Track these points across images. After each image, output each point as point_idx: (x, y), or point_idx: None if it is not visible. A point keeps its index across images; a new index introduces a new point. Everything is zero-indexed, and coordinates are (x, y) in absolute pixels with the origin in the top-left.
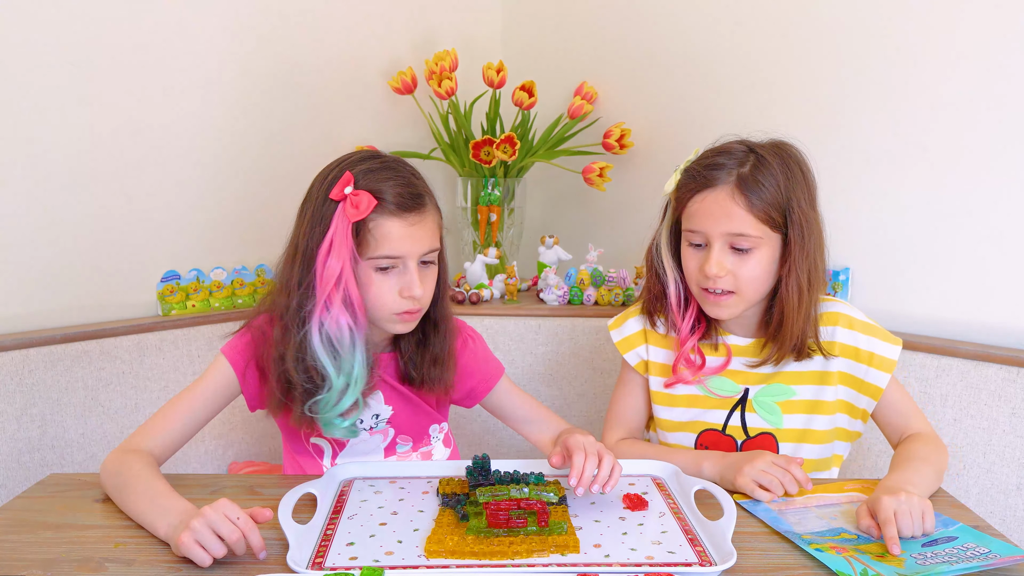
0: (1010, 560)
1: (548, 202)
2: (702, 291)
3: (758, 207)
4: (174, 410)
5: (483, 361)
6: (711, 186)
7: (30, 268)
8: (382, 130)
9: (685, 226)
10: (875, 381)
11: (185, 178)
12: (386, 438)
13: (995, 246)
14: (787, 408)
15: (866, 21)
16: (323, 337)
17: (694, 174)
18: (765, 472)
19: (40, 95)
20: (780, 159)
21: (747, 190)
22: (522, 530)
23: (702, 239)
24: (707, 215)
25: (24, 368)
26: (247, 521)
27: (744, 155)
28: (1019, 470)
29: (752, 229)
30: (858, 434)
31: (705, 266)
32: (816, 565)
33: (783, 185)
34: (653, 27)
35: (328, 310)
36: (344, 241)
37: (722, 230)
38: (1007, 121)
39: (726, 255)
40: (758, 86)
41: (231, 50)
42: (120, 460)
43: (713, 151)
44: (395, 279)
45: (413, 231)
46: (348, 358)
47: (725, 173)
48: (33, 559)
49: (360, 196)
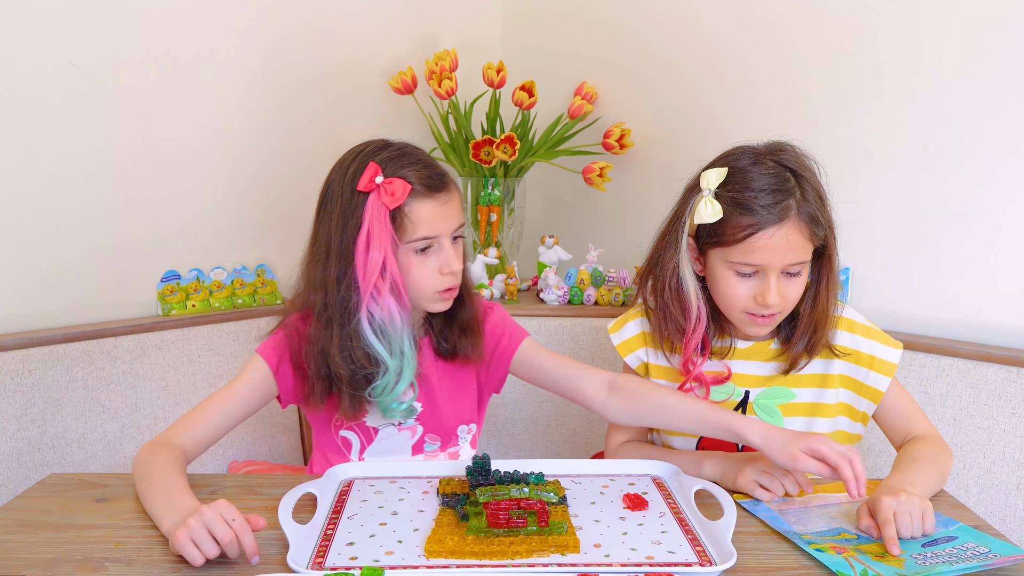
0: (1010, 560)
1: (548, 202)
2: (747, 315)
3: (816, 232)
4: (209, 407)
5: (503, 326)
6: (777, 223)
7: (30, 268)
8: (382, 130)
9: (736, 259)
10: (875, 384)
11: (185, 178)
12: (414, 435)
13: (995, 246)
14: (788, 411)
15: (867, 21)
16: (375, 326)
17: (749, 208)
18: (766, 472)
19: (40, 95)
20: (806, 168)
21: (809, 220)
22: (522, 530)
23: (756, 270)
24: (772, 251)
25: (24, 368)
26: (242, 524)
27: (784, 178)
28: (1019, 470)
29: (808, 255)
30: (859, 436)
31: (765, 298)
32: (816, 565)
33: (822, 196)
34: (653, 27)
35: (376, 299)
36: (383, 229)
37: (786, 262)
38: (1007, 121)
39: (781, 281)
40: (758, 86)
41: (231, 51)
42: (149, 452)
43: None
44: (433, 258)
45: (444, 209)
46: (398, 341)
47: (787, 207)
48: (33, 559)
49: (394, 183)
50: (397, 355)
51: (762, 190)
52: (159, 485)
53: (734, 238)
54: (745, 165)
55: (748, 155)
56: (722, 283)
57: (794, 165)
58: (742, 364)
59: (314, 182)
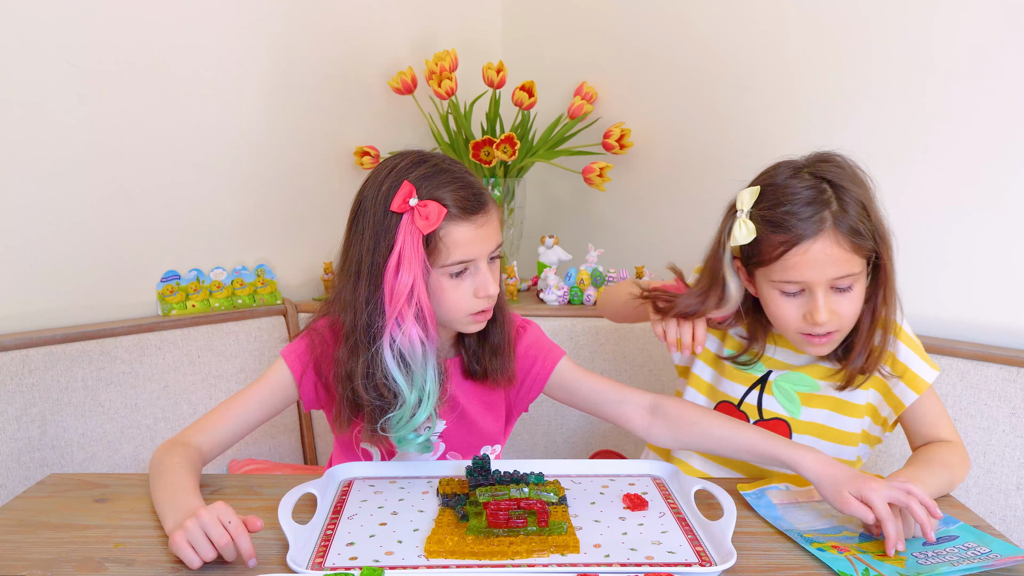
0: (1010, 560)
1: (548, 202)
2: (802, 336)
3: (859, 244)
4: (229, 408)
5: (540, 347)
6: (812, 237)
7: (30, 268)
8: (382, 130)
9: (777, 277)
10: (901, 395)
11: (185, 178)
12: (437, 451)
13: (995, 246)
14: (807, 400)
15: (866, 21)
16: (395, 353)
17: (780, 225)
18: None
19: (40, 95)
20: (848, 177)
21: (848, 230)
22: (522, 530)
23: (800, 287)
24: (811, 266)
25: (24, 368)
26: (238, 527)
27: (819, 190)
28: (1019, 470)
29: (856, 267)
30: (878, 439)
31: (814, 315)
32: (818, 565)
33: (867, 205)
34: (653, 27)
35: (399, 325)
36: (415, 254)
37: (828, 276)
38: (1007, 122)
39: (830, 298)
40: (758, 86)
41: (231, 51)
42: (165, 451)
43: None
44: (468, 281)
45: (482, 232)
46: (420, 373)
47: (819, 219)
48: (33, 559)
49: (429, 207)
50: (418, 387)
51: (794, 204)
52: (168, 484)
53: (770, 256)
54: (780, 181)
55: (786, 170)
56: (771, 304)
57: (833, 176)
58: (772, 348)
59: (314, 182)
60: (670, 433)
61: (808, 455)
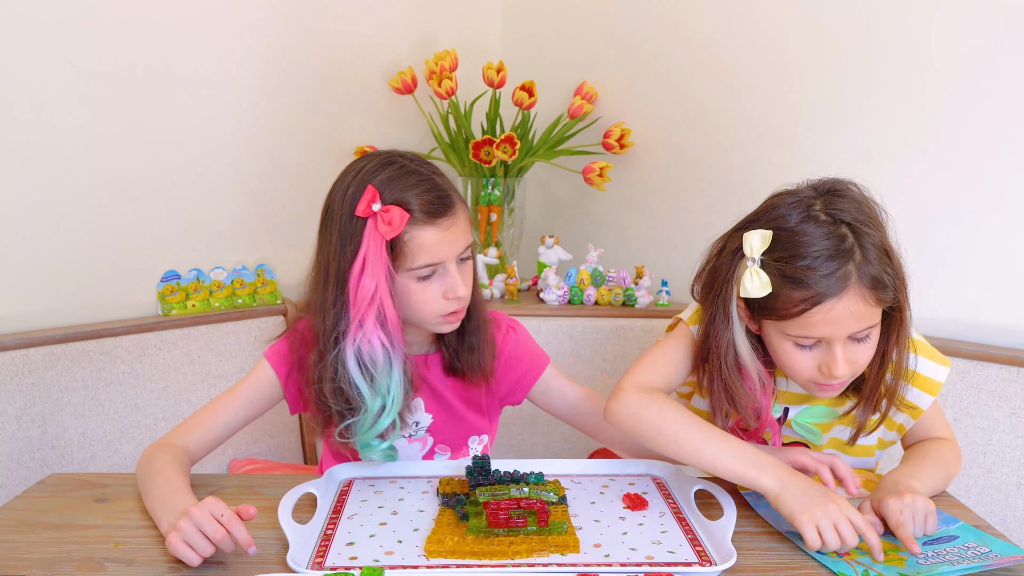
0: (1011, 560)
1: (548, 202)
2: (814, 383)
3: (882, 297)
4: (214, 408)
5: (527, 351)
6: (836, 295)
7: (30, 268)
8: (382, 130)
9: (794, 332)
10: (916, 401)
11: (185, 178)
12: (424, 446)
13: (995, 246)
14: (826, 427)
15: (866, 20)
16: (359, 359)
17: (802, 281)
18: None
19: (40, 95)
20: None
21: (871, 283)
22: (522, 530)
23: (817, 341)
24: (834, 324)
25: (24, 368)
26: (231, 517)
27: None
28: (1019, 470)
29: (876, 317)
30: (892, 443)
31: (831, 369)
32: (818, 566)
33: (885, 248)
34: (653, 27)
35: (362, 330)
36: (379, 259)
37: (850, 331)
38: (1007, 122)
39: (848, 350)
40: (758, 86)
41: (231, 51)
42: (152, 452)
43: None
44: (437, 283)
45: (448, 235)
46: (384, 379)
47: (846, 275)
48: (33, 559)
49: (391, 212)
50: (381, 394)
51: (816, 257)
52: (158, 486)
53: (788, 313)
54: (793, 225)
55: (796, 210)
56: (782, 354)
57: (851, 217)
58: (785, 382)
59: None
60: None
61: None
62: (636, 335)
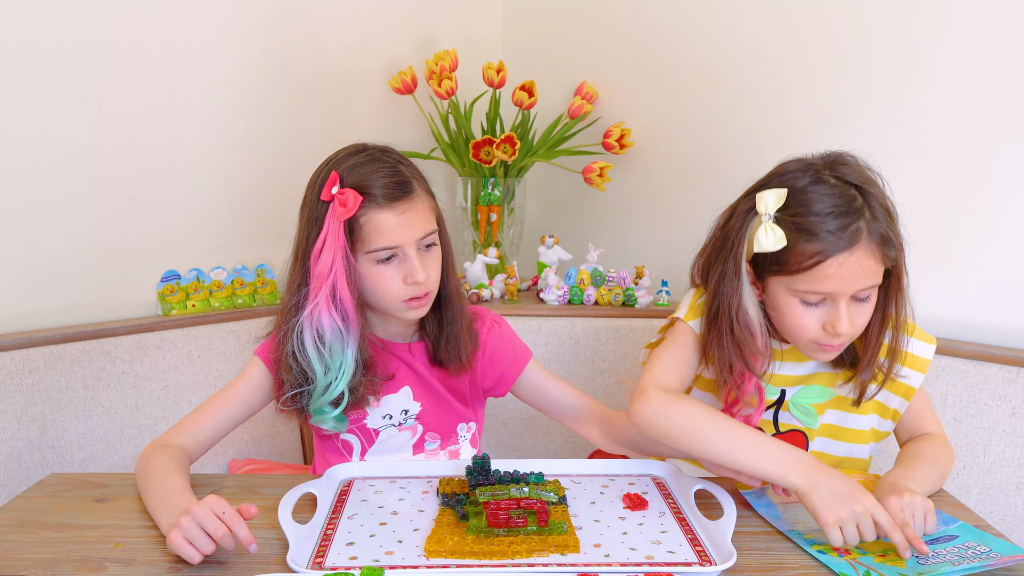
0: (1011, 560)
1: (548, 202)
2: (815, 344)
3: (888, 254)
4: (209, 407)
5: (510, 345)
6: (848, 249)
7: (30, 268)
8: (382, 130)
9: (803, 287)
10: (907, 380)
11: (185, 178)
12: (414, 435)
13: (995, 246)
14: (821, 408)
15: (868, 21)
16: (311, 333)
17: (816, 234)
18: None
19: (40, 95)
20: (871, 182)
21: (880, 241)
22: (522, 530)
23: (824, 298)
24: (843, 278)
25: (24, 368)
26: (233, 515)
27: (850, 196)
28: (1019, 470)
29: (879, 277)
30: (886, 434)
31: (836, 326)
32: (818, 565)
33: (890, 210)
34: (653, 27)
35: (316, 304)
36: (337, 239)
37: (857, 288)
38: (1008, 121)
39: (850, 308)
40: (758, 86)
41: (231, 50)
42: (149, 453)
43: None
44: (397, 268)
45: (404, 219)
46: (336, 356)
47: (857, 231)
48: (33, 559)
49: (346, 194)
50: (333, 368)
51: (828, 213)
52: (157, 486)
53: (800, 267)
54: (805, 184)
55: (806, 173)
56: (787, 313)
57: (858, 180)
58: (777, 365)
59: None
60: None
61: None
62: (636, 335)
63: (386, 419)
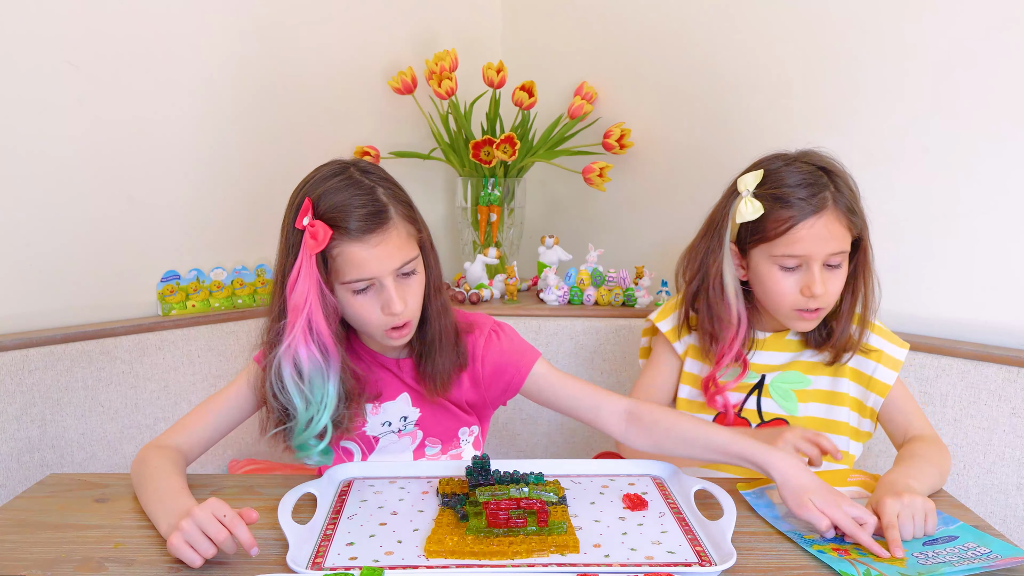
0: (1011, 561)
1: (548, 202)
2: (795, 311)
3: (853, 221)
4: (206, 409)
5: (513, 351)
6: (818, 212)
7: (30, 268)
8: (382, 130)
9: (780, 252)
10: (883, 378)
11: (185, 178)
12: (415, 440)
13: (995, 246)
14: (804, 396)
15: (866, 20)
16: (291, 367)
17: (788, 201)
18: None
19: (40, 95)
20: (837, 167)
21: (845, 209)
22: (522, 530)
23: (800, 262)
24: (815, 240)
25: (24, 368)
26: (234, 518)
27: (817, 175)
28: (1019, 470)
29: (847, 245)
30: (868, 435)
31: (812, 288)
32: (818, 565)
33: (855, 192)
34: (653, 27)
35: (293, 336)
36: (310, 271)
37: (827, 251)
38: (1007, 121)
39: (823, 273)
40: (758, 86)
41: (231, 50)
42: (145, 455)
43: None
44: (374, 297)
45: (377, 251)
46: (318, 390)
47: (823, 198)
48: (33, 559)
49: (316, 228)
50: (314, 403)
51: (798, 184)
52: (154, 489)
53: (776, 232)
54: (779, 167)
55: (780, 159)
56: (768, 280)
57: (824, 164)
58: (759, 354)
59: None
60: (646, 438)
61: (776, 457)
62: (636, 335)
63: (385, 426)
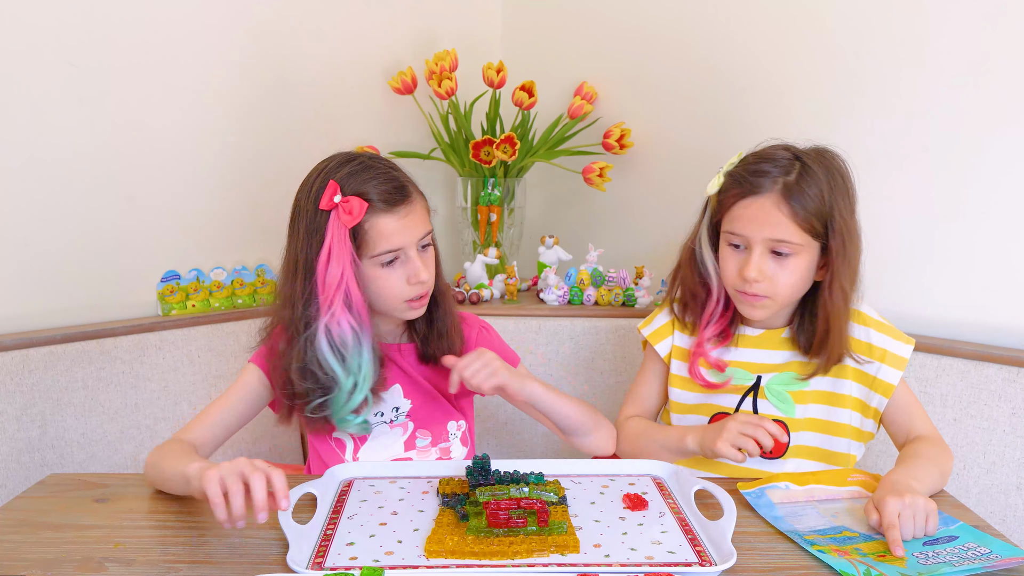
0: (1012, 561)
1: (548, 202)
2: (738, 292)
3: (801, 216)
4: (210, 412)
5: (503, 347)
6: (756, 193)
7: (30, 268)
8: (382, 130)
9: (726, 228)
10: (887, 378)
11: (185, 178)
12: (405, 431)
13: (995, 246)
14: (800, 398)
15: (867, 21)
16: (329, 341)
17: (739, 179)
18: (741, 435)
19: (40, 95)
20: (824, 168)
21: (792, 199)
22: (522, 530)
23: (743, 242)
24: (751, 221)
25: (24, 368)
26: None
27: (789, 163)
28: (1019, 470)
29: (794, 237)
30: (870, 435)
31: (745, 270)
32: (818, 565)
33: (827, 195)
34: (653, 27)
35: (332, 315)
36: (343, 247)
37: (765, 236)
38: (1007, 122)
39: (766, 260)
40: (758, 86)
41: (231, 50)
42: (159, 448)
43: (758, 156)
44: (400, 269)
45: (406, 222)
46: (355, 358)
47: (770, 181)
48: (33, 559)
49: (351, 202)
50: (354, 372)
51: (755, 163)
52: (175, 459)
53: (723, 206)
54: (763, 150)
55: (780, 145)
56: (722, 258)
57: (809, 159)
58: (753, 352)
59: None
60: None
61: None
62: (636, 335)
63: (378, 416)
